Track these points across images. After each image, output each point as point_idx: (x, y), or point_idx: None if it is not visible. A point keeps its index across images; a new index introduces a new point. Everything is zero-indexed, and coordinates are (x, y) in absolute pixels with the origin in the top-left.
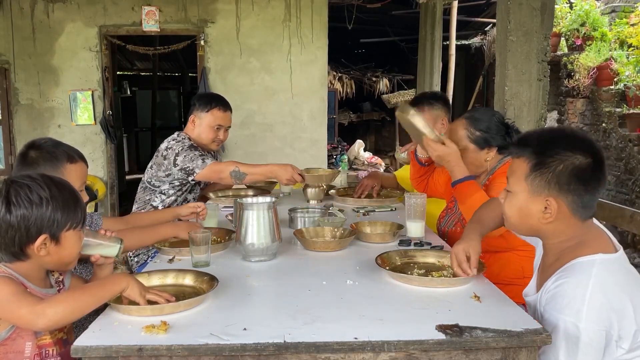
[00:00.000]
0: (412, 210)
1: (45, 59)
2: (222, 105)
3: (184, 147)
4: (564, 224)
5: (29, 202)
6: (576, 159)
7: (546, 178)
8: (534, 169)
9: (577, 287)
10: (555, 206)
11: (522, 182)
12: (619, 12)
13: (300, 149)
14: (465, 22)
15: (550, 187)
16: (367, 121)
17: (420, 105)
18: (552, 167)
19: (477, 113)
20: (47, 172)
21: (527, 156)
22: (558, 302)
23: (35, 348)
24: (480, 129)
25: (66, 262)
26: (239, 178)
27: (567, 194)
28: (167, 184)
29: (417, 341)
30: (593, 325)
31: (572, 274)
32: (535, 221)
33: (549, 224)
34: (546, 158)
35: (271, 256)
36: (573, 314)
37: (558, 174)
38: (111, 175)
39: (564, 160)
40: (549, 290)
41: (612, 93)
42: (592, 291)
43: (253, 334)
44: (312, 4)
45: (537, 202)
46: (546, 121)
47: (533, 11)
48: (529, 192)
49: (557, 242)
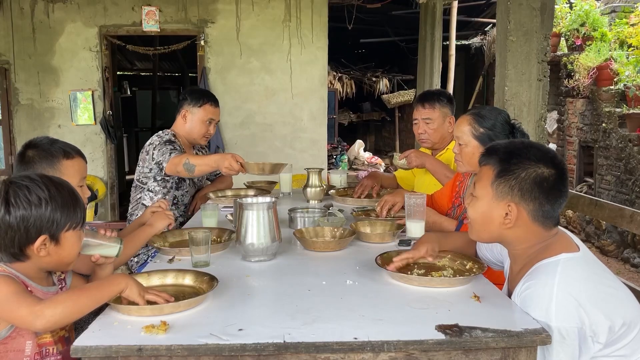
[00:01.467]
0: (412, 210)
1: (46, 59)
2: (213, 101)
3: (161, 141)
4: (523, 230)
5: (27, 203)
6: (539, 169)
7: (510, 184)
8: (499, 175)
9: (543, 287)
10: (516, 212)
11: (488, 188)
12: (619, 12)
13: (300, 149)
14: (465, 22)
15: (512, 194)
16: (367, 121)
17: (431, 102)
18: (516, 174)
19: (484, 110)
20: (44, 169)
21: (493, 164)
22: (527, 304)
23: (35, 347)
24: (484, 127)
25: (66, 263)
26: (190, 170)
27: (528, 202)
28: (152, 180)
29: (417, 341)
30: (564, 323)
31: (538, 275)
32: (496, 226)
33: (509, 230)
34: (511, 166)
35: (271, 256)
36: (542, 314)
37: (521, 181)
38: (111, 175)
39: (527, 168)
40: (518, 295)
41: (612, 93)
42: (559, 289)
43: (253, 334)
44: (312, 4)
45: (499, 207)
46: (546, 121)
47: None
48: (493, 198)
49: (520, 249)
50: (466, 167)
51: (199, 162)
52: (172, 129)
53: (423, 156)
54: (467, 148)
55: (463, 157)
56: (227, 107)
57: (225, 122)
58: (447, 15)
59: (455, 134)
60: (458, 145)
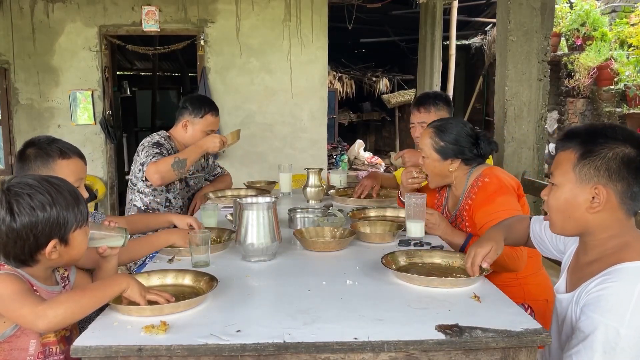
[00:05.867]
0: (412, 210)
1: (45, 59)
2: (214, 111)
3: (150, 143)
4: (611, 216)
5: (32, 209)
6: (625, 148)
7: (595, 165)
8: (583, 157)
9: (623, 292)
10: (605, 194)
11: (569, 173)
12: (619, 12)
13: (300, 149)
14: (465, 22)
15: (599, 175)
16: (367, 121)
17: (427, 106)
18: (602, 154)
19: (446, 124)
20: (39, 168)
21: (575, 147)
22: (601, 305)
23: (39, 346)
24: (445, 140)
25: (76, 259)
26: (182, 166)
27: (616, 182)
28: (141, 181)
29: (417, 341)
30: (634, 332)
31: (619, 278)
32: (582, 213)
33: (596, 215)
34: (595, 146)
35: (271, 256)
36: (616, 318)
37: (608, 161)
38: (111, 175)
39: (614, 148)
40: (590, 292)
41: (612, 93)
42: (639, 298)
43: (253, 334)
44: (312, 4)
45: (584, 191)
46: (546, 121)
47: (533, 11)
48: (577, 182)
49: (600, 239)
50: (430, 179)
51: (186, 154)
52: (170, 132)
53: (417, 155)
54: (428, 160)
55: (426, 168)
56: (227, 107)
57: (225, 122)
58: (447, 15)
59: (419, 146)
60: (422, 157)
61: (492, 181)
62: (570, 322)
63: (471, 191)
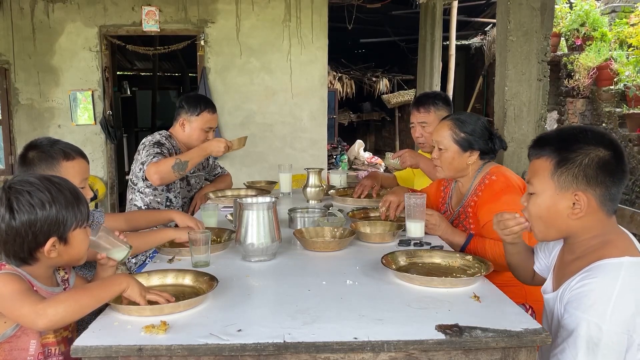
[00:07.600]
0: (412, 210)
1: (45, 59)
2: (210, 108)
3: (152, 142)
4: (592, 218)
5: (31, 207)
6: (600, 152)
7: (573, 173)
8: (559, 165)
9: (603, 288)
10: (585, 199)
11: (547, 181)
12: (619, 12)
13: (300, 149)
14: (465, 22)
15: (578, 182)
16: (367, 121)
17: (426, 106)
18: (578, 161)
19: (464, 116)
20: (44, 171)
21: (549, 154)
22: (583, 302)
23: (39, 346)
24: (465, 131)
25: (76, 259)
26: (182, 168)
27: (595, 187)
28: (142, 181)
29: (417, 341)
30: (616, 327)
31: (599, 274)
32: (564, 219)
33: (578, 220)
34: (570, 153)
35: (271, 256)
36: (598, 314)
37: (585, 168)
38: (111, 175)
39: (589, 153)
40: (573, 289)
41: (612, 93)
42: (619, 294)
43: (253, 334)
44: (312, 4)
45: (565, 197)
46: (546, 121)
47: (533, 11)
48: (556, 189)
49: (583, 240)
50: (445, 173)
51: (189, 155)
52: (170, 131)
53: (417, 156)
54: (447, 153)
55: (443, 162)
56: (227, 107)
57: (225, 122)
58: (447, 15)
59: (435, 139)
60: (438, 150)
61: (499, 179)
62: (558, 320)
63: (478, 188)
